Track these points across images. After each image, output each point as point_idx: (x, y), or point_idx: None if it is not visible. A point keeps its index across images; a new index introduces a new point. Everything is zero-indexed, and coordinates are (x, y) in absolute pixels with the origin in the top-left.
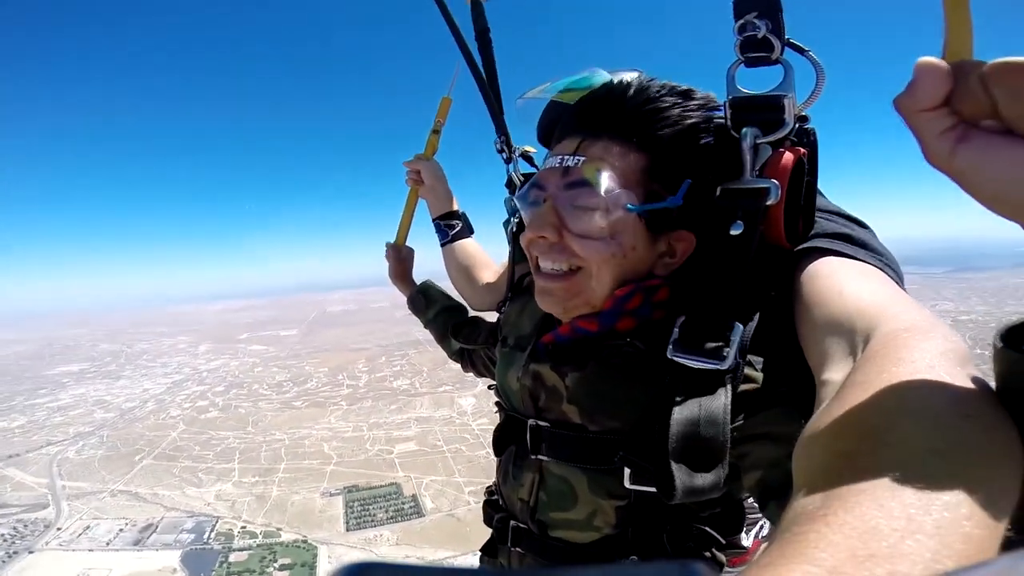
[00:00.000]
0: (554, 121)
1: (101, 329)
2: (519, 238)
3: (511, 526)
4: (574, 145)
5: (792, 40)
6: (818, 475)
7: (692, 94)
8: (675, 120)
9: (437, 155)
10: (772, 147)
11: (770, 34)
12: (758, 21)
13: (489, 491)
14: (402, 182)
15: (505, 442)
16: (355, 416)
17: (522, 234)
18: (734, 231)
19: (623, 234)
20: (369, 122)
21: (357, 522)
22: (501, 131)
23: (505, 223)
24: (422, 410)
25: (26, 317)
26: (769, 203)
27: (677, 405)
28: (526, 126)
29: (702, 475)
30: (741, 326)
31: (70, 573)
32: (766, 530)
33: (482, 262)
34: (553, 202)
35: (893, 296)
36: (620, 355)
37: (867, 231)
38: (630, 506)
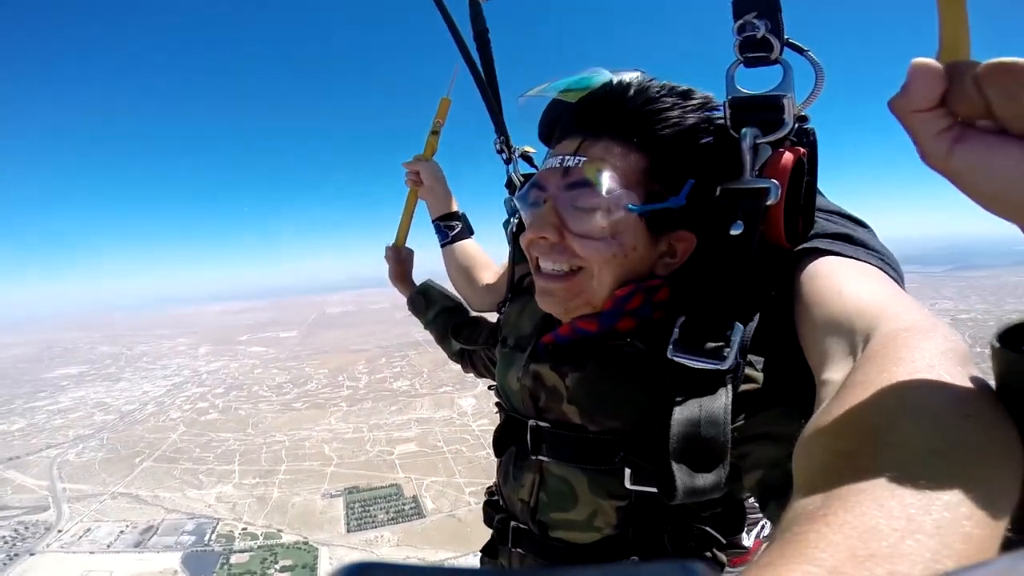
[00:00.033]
0: (555, 120)
1: (100, 331)
2: (519, 238)
3: (512, 527)
4: (575, 145)
5: (791, 40)
6: (818, 475)
7: (692, 94)
8: (675, 121)
9: (436, 156)
10: (772, 147)
11: (769, 34)
12: (757, 21)
13: (489, 492)
14: (402, 183)
15: (505, 443)
16: (355, 417)
17: (522, 234)
18: (734, 231)
19: (624, 234)
20: (369, 122)
21: (358, 523)
22: (500, 131)
23: (505, 223)
24: (422, 411)
25: (25, 320)
26: (769, 203)
27: (677, 405)
28: (527, 124)
29: (703, 475)
30: (741, 326)
31: (71, 575)
32: (767, 530)
33: (482, 263)
34: (554, 202)
35: (893, 296)
36: (620, 355)
37: (867, 231)
38: (631, 506)
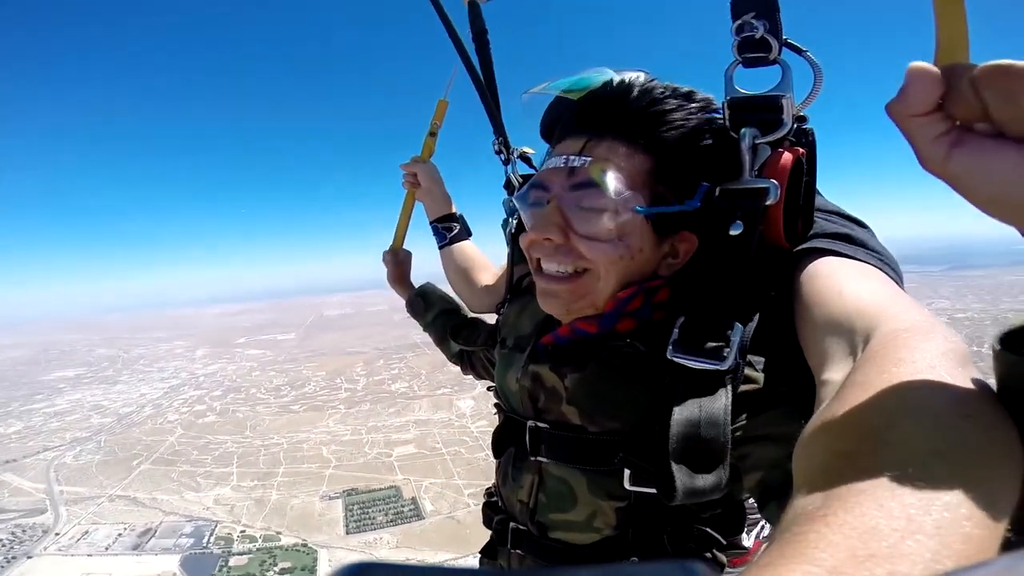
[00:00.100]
0: (557, 119)
1: (98, 334)
2: (519, 239)
3: (511, 528)
4: (579, 145)
5: (790, 40)
6: (818, 475)
7: (694, 96)
8: (680, 123)
9: (434, 157)
10: (771, 147)
11: (768, 34)
12: (756, 21)
13: (488, 493)
14: (399, 184)
15: (504, 444)
16: (353, 419)
17: (522, 235)
18: (734, 231)
19: (631, 236)
20: (369, 122)
21: (357, 525)
22: (499, 133)
23: (503, 224)
24: (421, 413)
25: (22, 322)
26: (768, 203)
27: (677, 406)
28: (529, 122)
29: (703, 476)
30: (741, 326)
31: None
32: (767, 530)
33: (480, 264)
34: (558, 203)
35: (893, 296)
36: (620, 356)
37: (866, 230)
38: (630, 507)
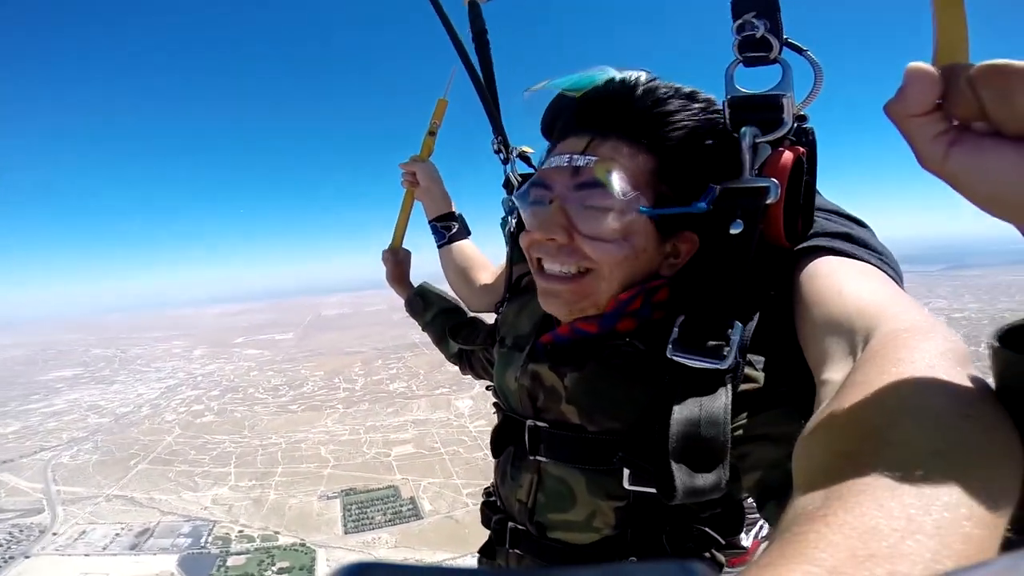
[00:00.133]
0: (559, 117)
1: (95, 334)
2: (519, 238)
3: (509, 527)
4: (583, 144)
5: (790, 39)
6: (818, 475)
7: (696, 96)
8: (683, 123)
9: (433, 156)
10: (771, 146)
11: (768, 33)
12: (756, 20)
13: (487, 493)
14: (399, 184)
15: (503, 443)
16: (352, 419)
17: (522, 234)
18: (734, 230)
19: (635, 236)
20: (369, 122)
21: (355, 525)
22: (498, 132)
23: (502, 222)
24: (419, 412)
25: (20, 321)
26: (768, 202)
27: (677, 405)
28: (531, 119)
29: (703, 475)
30: (741, 325)
31: None
32: (766, 530)
33: (480, 263)
34: (561, 202)
35: (893, 296)
36: (620, 355)
37: (866, 230)
38: (629, 507)
